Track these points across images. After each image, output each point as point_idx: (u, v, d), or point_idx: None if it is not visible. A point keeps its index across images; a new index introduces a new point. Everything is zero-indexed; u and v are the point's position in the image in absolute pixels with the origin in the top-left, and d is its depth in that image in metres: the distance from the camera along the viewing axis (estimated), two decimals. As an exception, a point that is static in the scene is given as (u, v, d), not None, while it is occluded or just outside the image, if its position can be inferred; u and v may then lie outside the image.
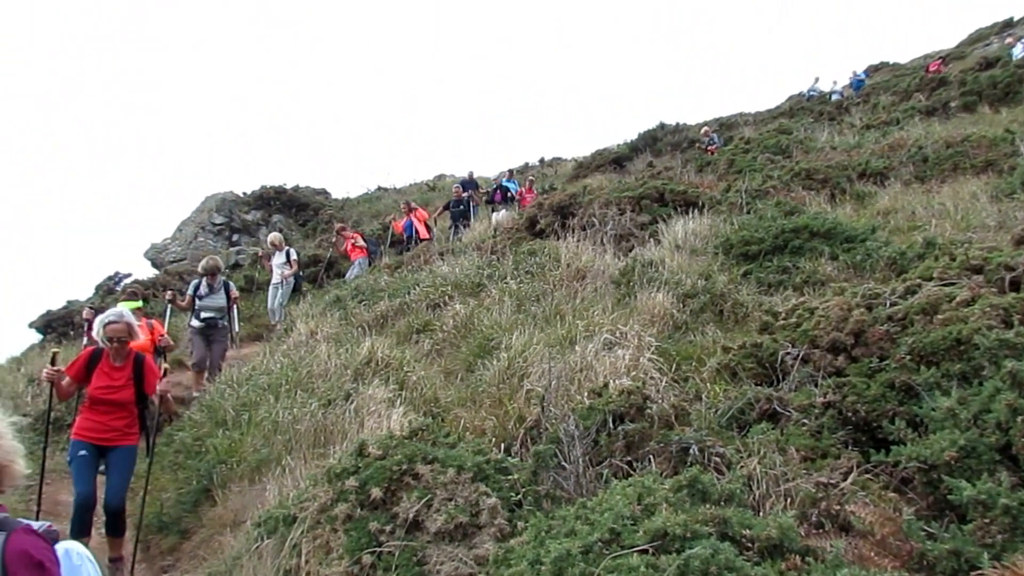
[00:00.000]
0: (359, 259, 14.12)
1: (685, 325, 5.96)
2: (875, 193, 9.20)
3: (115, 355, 5.07)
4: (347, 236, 14.60)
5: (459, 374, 6.15)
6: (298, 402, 5.80)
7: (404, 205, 16.26)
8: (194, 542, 5.11)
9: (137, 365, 5.15)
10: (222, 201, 25.39)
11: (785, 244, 6.93)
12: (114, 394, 5.01)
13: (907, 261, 5.74)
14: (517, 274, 8.26)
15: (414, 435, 3.98)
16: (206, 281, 9.21)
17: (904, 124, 13.52)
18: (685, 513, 2.55)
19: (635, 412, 3.98)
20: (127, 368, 5.11)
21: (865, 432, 3.61)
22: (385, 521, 3.32)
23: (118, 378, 5.06)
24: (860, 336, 4.14)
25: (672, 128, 23.10)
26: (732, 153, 13.84)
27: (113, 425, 5.03)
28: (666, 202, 9.78)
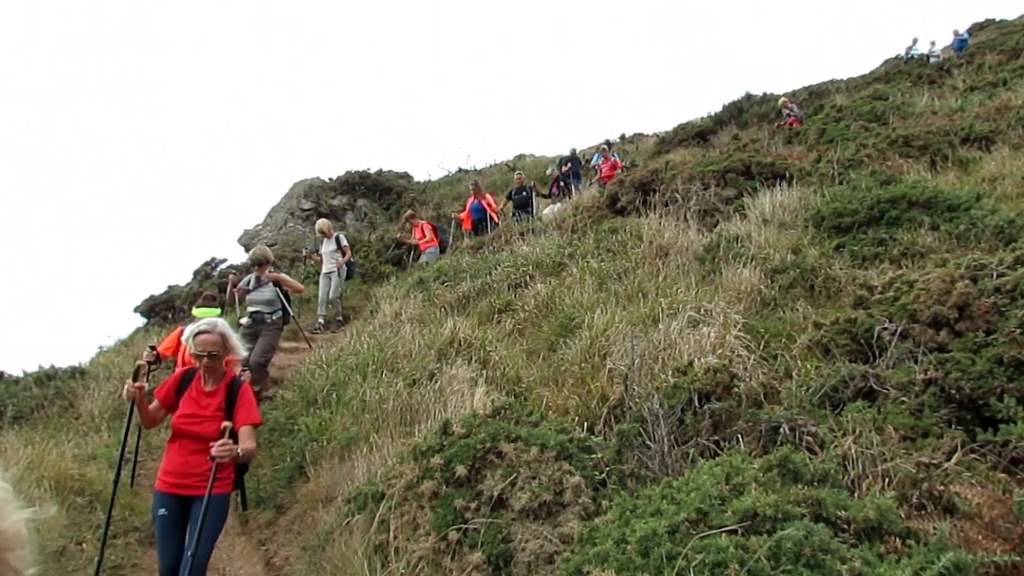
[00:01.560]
0: (430, 249, 13.62)
1: (773, 301, 5.77)
2: (980, 159, 8.62)
3: (206, 376, 4.11)
4: (416, 224, 14.09)
5: (541, 353, 6.16)
6: (384, 382, 5.96)
7: (473, 186, 15.52)
8: (289, 517, 5.34)
9: (232, 392, 4.09)
10: (309, 187, 26.19)
11: (881, 215, 6.59)
12: (199, 425, 3.95)
13: (1016, 230, 5.36)
14: (598, 252, 8.19)
15: (497, 414, 4.02)
16: (255, 274, 8.52)
17: (1012, 84, 12.61)
18: (776, 493, 2.48)
19: (722, 391, 3.89)
20: (219, 394, 4.07)
21: (970, 410, 3.41)
22: (470, 498, 3.38)
23: (207, 406, 4.03)
24: (964, 309, 3.91)
25: (759, 99, 22.29)
26: (823, 122, 13.24)
27: (198, 468, 3.89)
28: (752, 175, 9.45)
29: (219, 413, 3.99)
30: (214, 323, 4.17)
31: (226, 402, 4.02)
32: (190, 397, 4.07)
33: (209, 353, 4.01)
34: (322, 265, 11.92)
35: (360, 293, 13.82)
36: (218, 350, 4.05)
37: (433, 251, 13.56)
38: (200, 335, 4.06)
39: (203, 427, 3.92)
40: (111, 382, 9.13)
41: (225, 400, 4.03)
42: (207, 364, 4.05)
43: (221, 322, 4.22)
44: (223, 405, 4.02)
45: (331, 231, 11.91)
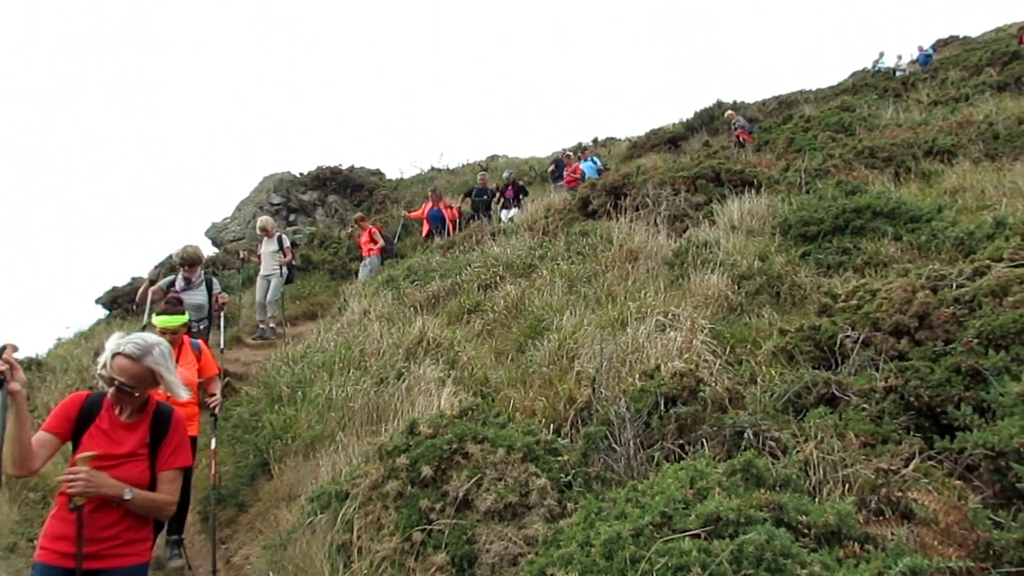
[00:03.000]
0: (371, 258, 12.83)
1: (740, 307, 5.85)
2: (942, 172, 8.84)
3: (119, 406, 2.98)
4: (365, 228, 13.25)
5: (510, 354, 6.16)
6: (351, 380, 5.91)
7: (432, 191, 14.71)
8: (251, 514, 5.28)
9: (159, 424, 3.03)
10: (280, 181, 25.87)
11: (846, 224, 6.71)
12: (113, 470, 2.84)
13: (976, 242, 5.50)
14: (569, 255, 8.22)
15: (464, 415, 4.01)
16: (183, 274, 7.32)
17: (974, 100, 12.95)
18: (739, 498, 2.50)
19: (688, 395, 3.93)
20: (141, 428, 3.00)
21: (928, 418, 3.49)
22: (435, 499, 3.36)
23: (124, 442, 2.93)
24: (924, 319, 4.00)
25: (730, 106, 22.55)
26: (792, 132, 13.45)
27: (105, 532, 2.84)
28: (722, 182, 9.58)
29: (141, 452, 2.95)
30: (147, 348, 2.91)
31: (152, 438, 2.98)
32: (99, 431, 2.92)
33: (120, 386, 2.86)
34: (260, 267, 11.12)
35: (328, 290, 13.72)
36: (137, 386, 2.90)
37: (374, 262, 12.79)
38: (120, 358, 2.86)
39: (119, 472, 2.84)
40: (68, 374, 8.94)
41: (150, 436, 2.99)
42: (117, 397, 2.90)
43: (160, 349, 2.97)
44: (147, 442, 2.97)
45: (274, 230, 11.12)
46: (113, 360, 2.86)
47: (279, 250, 10.79)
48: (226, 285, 11.58)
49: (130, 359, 2.85)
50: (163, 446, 3.01)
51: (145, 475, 2.94)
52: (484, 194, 15.43)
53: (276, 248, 10.81)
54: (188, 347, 5.17)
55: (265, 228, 10.99)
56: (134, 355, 2.85)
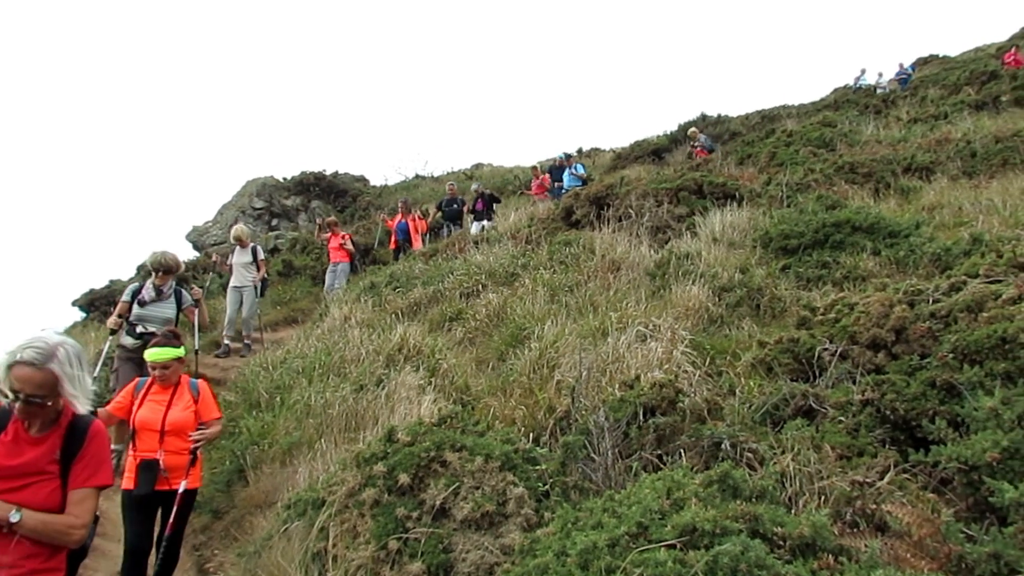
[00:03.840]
0: (341, 264, 12.48)
1: (720, 319, 5.89)
2: (920, 188, 8.96)
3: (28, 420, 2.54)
4: (336, 233, 12.75)
5: (491, 363, 6.16)
6: (331, 386, 5.87)
7: (401, 203, 14.62)
8: (225, 522, 5.21)
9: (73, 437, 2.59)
10: (262, 186, 25.80)
11: (826, 238, 6.78)
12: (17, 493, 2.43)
13: (952, 257, 5.57)
14: (551, 264, 8.24)
15: (443, 422, 3.99)
16: (152, 283, 6.53)
17: (952, 118, 13.15)
18: (715, 509, 2.50)
19: (667, 405, 3.93)
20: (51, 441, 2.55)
21: (904, 431, 3.52)
22: (412, 507, 3.34)
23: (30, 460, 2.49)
24: (901, 333, 4.04)
25: (713, 119, 22.78)
26: (774, 146, 13.59)
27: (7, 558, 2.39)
28: (704, 194, 9.65)
29: (51, 469, 2.51)
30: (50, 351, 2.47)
31: (63, 453, 2.54)
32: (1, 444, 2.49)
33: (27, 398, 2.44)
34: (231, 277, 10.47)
35: (310, 295, 13.65)
36: (48, 395, 2.48)
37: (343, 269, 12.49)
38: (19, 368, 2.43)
39: (24, 495, 2.42)
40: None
41: (62, 450, 2.54)
42: (25, 411, 2.47)
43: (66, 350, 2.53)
44: (58, 457, 2.53)
45: (248, 239, 10.52)
46: (11, 371, 2.42)
47: (253, 262, 10.28)
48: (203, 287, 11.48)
49: (31, 367, 2.41)
50: (76, 462, 2.54)
51: (55, 497, 2.48)
52: (454, 203, 15.37)
53: (250, 260, 10.28)
54: (185, 386, 4.51)
55: (239, 238, 10.42)
56: (36, 361, 2.42)
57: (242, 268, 10.22)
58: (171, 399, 4.39)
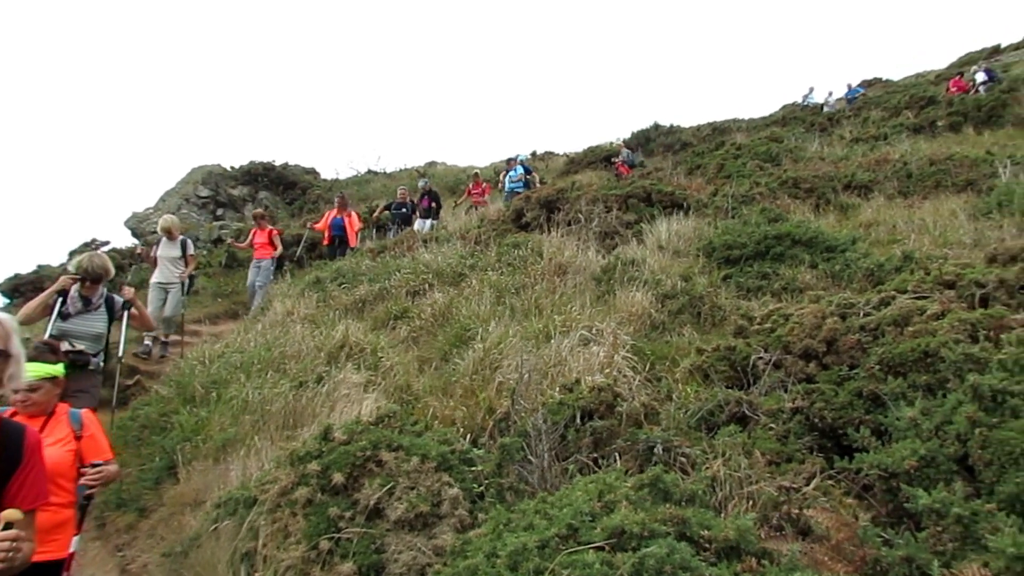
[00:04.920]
0: (265, 261, 11.61)
1: (662, 325, 5.98)
2: (859, 205, 9.26)
3: None
4: (264, 228, 11.87)
5: (434, 363, 6.12)
6: (269, 382, 5.76)
7: (339, 198, 13.76)
8: (152, 521, 5.03)
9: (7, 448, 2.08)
10: (208, 174, 25.18)
11: (767, 250, 6.96)
12: None
13: (884, 273, 5.77)
14: (499, 266, 8.24)
15: (381, 421, 3.96)
16: (78, 291, 5.61)
17: (892, 140, 13.63)
18: (645, 511, 2.54)
19: (605, 409, 3.98)
20: None
21: (831, 438, 3.63)
22: (346, 507, 3.30)
23: None
24: (832, 344, 4.17)
25: (666, 129, 23.15)
26: (723, 158, 13.88)
27: None
28: (653, 202, 9.80)
29: None
30: None
31: None
32: None
33: None
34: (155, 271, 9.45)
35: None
36: None
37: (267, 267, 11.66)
38: None
39: None
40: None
41: None
42: None
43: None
44: None
45: (177, 232, 9.59)
46: None
47: (182, 257, 9.40)
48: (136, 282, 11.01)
49: None
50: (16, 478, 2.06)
51: None
52: (403, 208, 15.17)
53: (179, 254, 9.38)
54: (63, 419, 3.44)
55: (168, 228, 9.46)
56: None
57: (168, 262, 9.32)
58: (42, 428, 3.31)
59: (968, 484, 2.69)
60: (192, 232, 20.89)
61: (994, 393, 2.87)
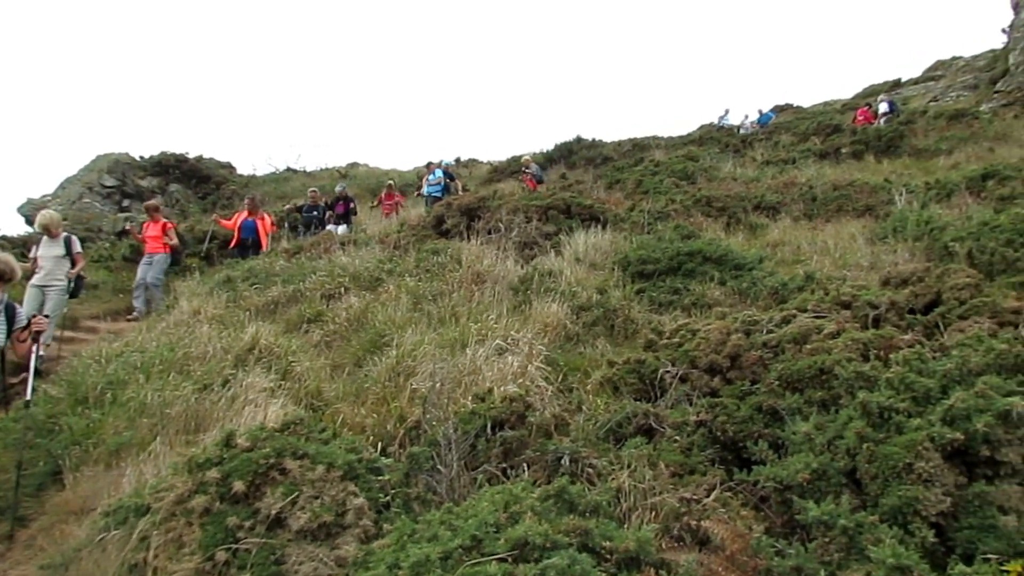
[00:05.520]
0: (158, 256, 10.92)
1: (577, 337, 6.06)
2: (767, 225, 9.67)
3: None
4: (158, 220, 11.12)
5: (346, 368, 6.00)
6: (171, 384, 5.51)
7: (249, 200, 13.18)
8: (32, 530, 4.70)
9: None
10: (115, 162, 23.95)
11: (679, 266, 7.16)
12: None
13: (788, 292, 6.03)
14: (417, 272, 8.18)
15: (287, 428, 3.84)
16: None
17: (799, 164, 14.31)
18: (549, 523, 2.56)
19: (516, 419, 3.99)
20: None
21: (732, 451, 3.75)
22: (245, 516, 3.18)
23: None
24: (736, 360, 4.32)
25: (588, 143, 23.58)
26: (641, 174, 14.24)
27: None
28: (572, 215, 9.94)
29: None
30: None
31: None
32: None
33: None
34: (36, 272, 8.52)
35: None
36: None
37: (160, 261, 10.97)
38: None
39: None
40: None
41: None
42: None
43: None
44: None
45: (59, 229, 8.72)
46: None
47: (67, 255, 8.56)
48: None
49: None
50: None
51: None
52: (314, 211, 14.85)
53: (63, 253, 8.53)
54: None
55: (47, 225, 8.60)
56: None
57: (50, 262, 8.47)
58: None
59: (855, 497, 2.83)
60: (95, 223, 19.85)
61: (881, 410, 3.03)
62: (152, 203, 11.73)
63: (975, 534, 2.51)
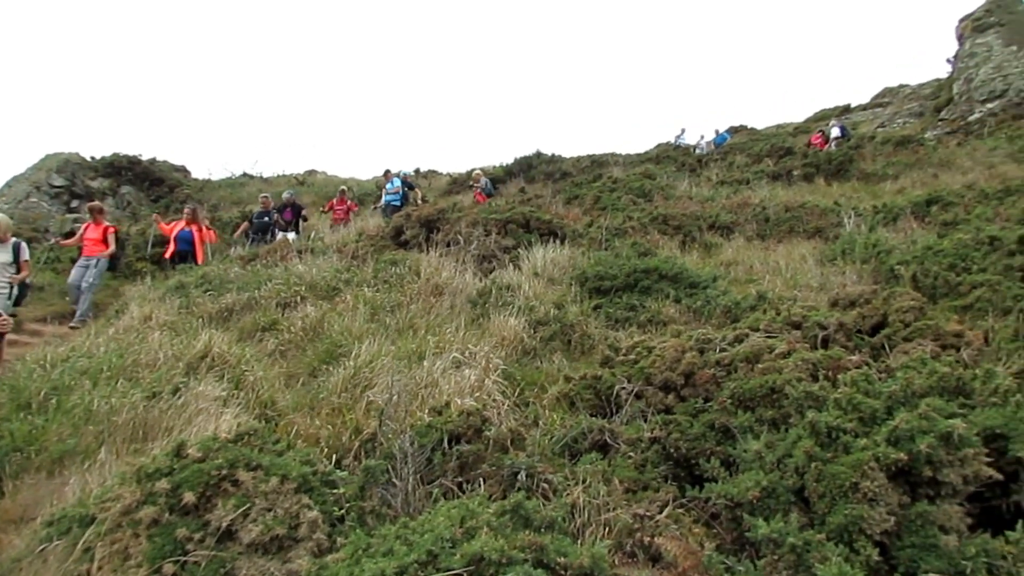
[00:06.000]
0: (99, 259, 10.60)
1: (534, 351, 6.09)
2: (721, 244, 9.88)
3: None
4: (100, 223, 10.79)
5: (301, 378, 5.93)
6: (119, 391, 5.37)
7: (189, 210, 12.85)
8: (-34, 540, 4.54)
9: None
10: (65, 162, 23.25)
11: (636, 283, 7.27)
12: None
13: (741, 311, 6.17)
14: (375, 282, 8.13)
15: (240, 439, 3.78)
16: None
17: (753, 185, 14.66)
18: (505, 538, 2.57)
19: (473, 433, 4.00)
20: None
21: (684, 468, 3.82)
22: (195, 528, 3.12)
23: None
24: (690, 377, 4.40)
25: (548, 158, 23.75)
26: (600, 191, 14.40)
27: None
28: (531, 229, 10.01)
29: None
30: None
31: None
32: None
33: None
34: None
35: (106, 288, 12.44)
36: None
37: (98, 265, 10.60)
38: None
39: None
40: None
41: None
42: None
43: None
44: None
45: (8, 234, 8.25)
46: None
47: (13, 262, 8.07)
48: None
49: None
50: None
51: None
52: (265, 216, 14.56)
53: (10, 259, 8.05)
54: None
55: None
56: None
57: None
58: None
59: (803, 514, 2.91)
60: (42, 223, 19.26)
61: (829, 430, 3.13)
62: (96, 205, 11.42)
63: (917, 553, 2.60)
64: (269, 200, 15.20)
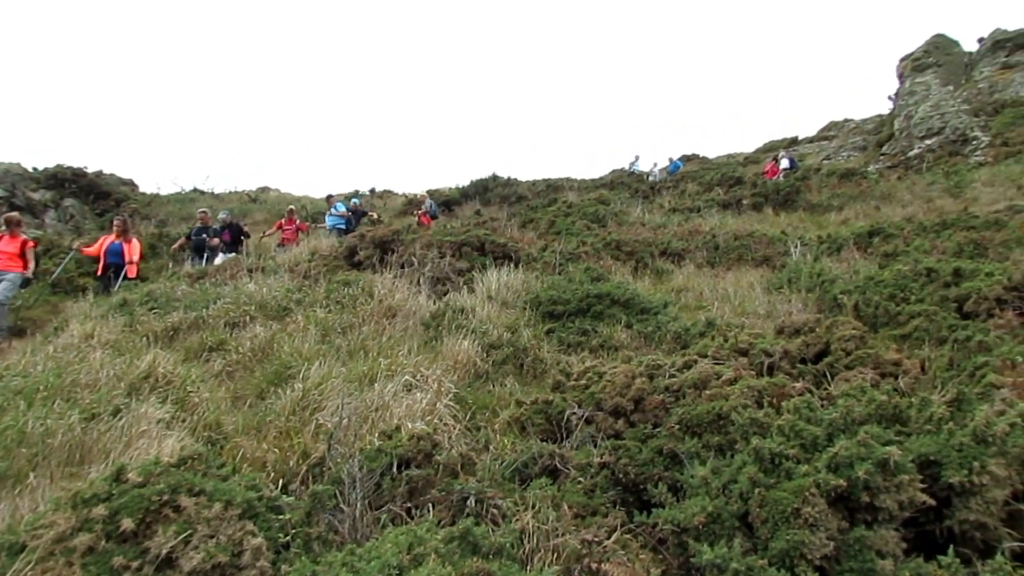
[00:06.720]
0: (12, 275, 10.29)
1: (487, 375, 6.09)
2: (672, 271, 10.06)
3: None
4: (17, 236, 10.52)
5: (248, 400, 5.82)
6: (55, 412, 5.18)
7: (119, 222, 12.47)
8: None
9: None
10: (5, 172, 22.50)
11: (588, 308, 7.34)
12: None
13: (690, 337, 6.28)
14: (327, 303, 8.05)
15: (184, 463, 3.69)
16: None
17: (704, 213, 15.00)
18: (452, 565, 2.56)
19: (423, 458, 3.97)
20: None
21: (633, 493, 3.86)
22: (134, 556, 3.02)
23: None
24: (639, 403, 4.46)
25: (504, 181, 23.93)
26: (554, 215, 14.55)
27: None
28: (485, 252, 10.05)
29: None
30: None
31: None
32: None
33: None
34: None
35: (46, 304, 12.06)
36: None
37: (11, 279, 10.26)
38: None
39: None
40: None
41: None
42: None
43: None
44: None
45: None
46: None
47: None
48: None
49: None
50: None
51: None
52: (203, 233, 14.26)
53: None
54: None
55: None
56: None
57: None
58: None
59: (747, 540, 2.96)
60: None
61: (772, 456, 3.20)
62: (13, 216, 10.98)
63: (854, 577, 2.67)
64: (208, 215, 14.93)
